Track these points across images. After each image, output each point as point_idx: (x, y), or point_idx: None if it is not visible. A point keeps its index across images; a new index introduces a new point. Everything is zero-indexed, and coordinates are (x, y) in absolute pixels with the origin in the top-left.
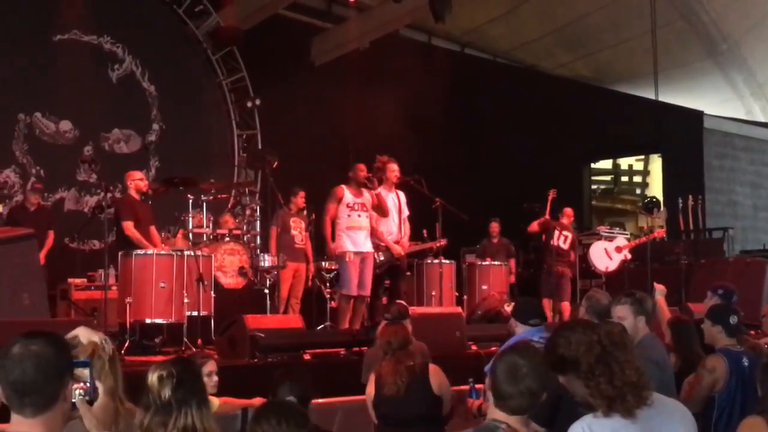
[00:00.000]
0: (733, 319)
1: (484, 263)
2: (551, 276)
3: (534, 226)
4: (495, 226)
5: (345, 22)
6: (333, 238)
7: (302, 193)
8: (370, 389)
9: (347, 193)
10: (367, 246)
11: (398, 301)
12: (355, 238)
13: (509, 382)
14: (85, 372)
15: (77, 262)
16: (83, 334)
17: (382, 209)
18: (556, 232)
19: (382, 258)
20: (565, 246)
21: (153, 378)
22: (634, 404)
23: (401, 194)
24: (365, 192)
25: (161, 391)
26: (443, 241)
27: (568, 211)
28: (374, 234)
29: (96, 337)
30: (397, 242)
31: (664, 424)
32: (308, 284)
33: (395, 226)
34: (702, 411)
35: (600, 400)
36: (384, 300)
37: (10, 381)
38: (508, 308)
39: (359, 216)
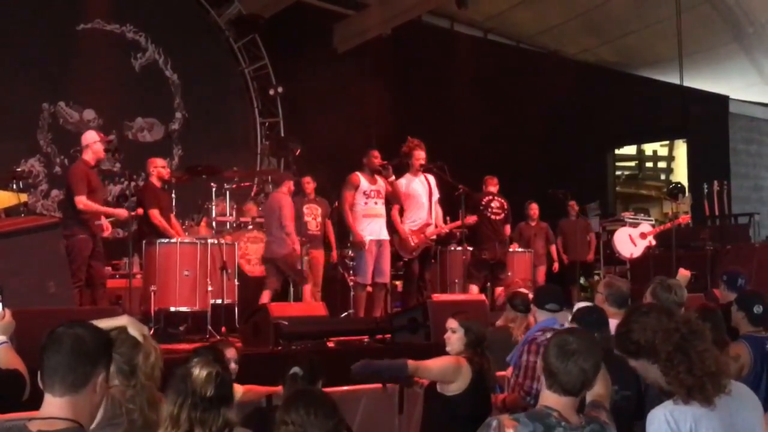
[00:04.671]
0: (758, 309)
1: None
2: None
3: None
4: (534, 208)
5: (367, 8)
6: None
7: (306, 179)
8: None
9: (363, 180)
10: (383, 233)
11: (520, 290)
12: (371, 225)
13: (559, 357)
14: None
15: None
16: (132, 327)
17: (397, 197)
18: None
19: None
20: None
21: (201, 374)
22: (713, 393)
23: (430, 177)
24: (379, 179)
25: (205, 388)
26: (474, 218)
27: None
28: (395, 222)
29: (145, 329)
30: (426, 225)
31: (740, 410)
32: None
33: (425, 212)
34: None
35: (680, 388)
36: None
37: (47, 358)
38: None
39: (375, 203)
